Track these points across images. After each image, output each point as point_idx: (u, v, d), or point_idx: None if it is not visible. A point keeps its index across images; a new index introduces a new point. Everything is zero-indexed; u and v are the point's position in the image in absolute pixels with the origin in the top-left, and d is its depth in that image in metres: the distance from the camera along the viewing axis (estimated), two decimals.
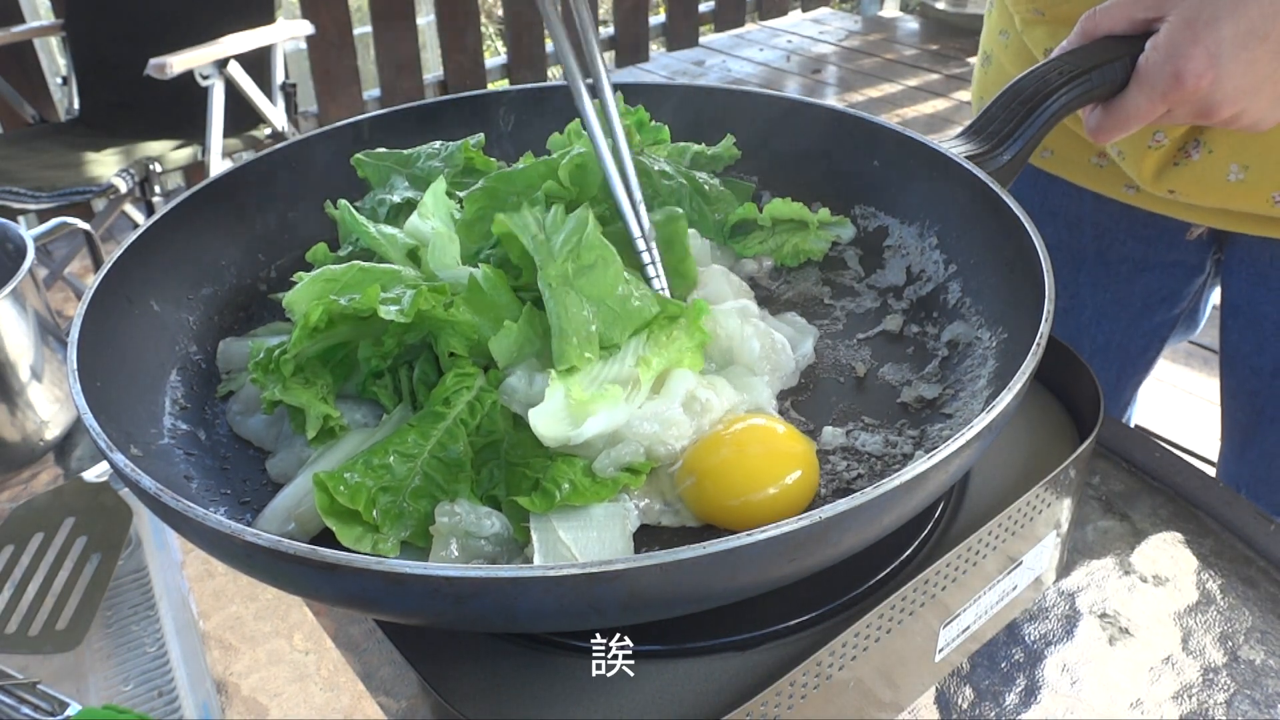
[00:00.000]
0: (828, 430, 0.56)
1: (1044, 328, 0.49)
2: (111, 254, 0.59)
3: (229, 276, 0.68)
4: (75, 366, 0.49)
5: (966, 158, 0.62)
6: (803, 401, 0.59)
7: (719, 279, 0.62)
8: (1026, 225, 0.56)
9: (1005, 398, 0.44)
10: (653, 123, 0.74)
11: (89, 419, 0.46)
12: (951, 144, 0.64)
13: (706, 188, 0.71)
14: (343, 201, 0.64)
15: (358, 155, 0.71)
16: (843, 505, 0.39)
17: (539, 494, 0.48)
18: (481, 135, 0.71)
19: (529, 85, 0.81)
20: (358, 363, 0.55)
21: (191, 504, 0.41)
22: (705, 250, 0.67)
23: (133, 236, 0.61)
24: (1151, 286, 0.93)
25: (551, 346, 0.52)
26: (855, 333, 0.64)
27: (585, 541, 0.47)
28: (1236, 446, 0.93)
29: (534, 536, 0.47)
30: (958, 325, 0.62)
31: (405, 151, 0.71)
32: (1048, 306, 0.50)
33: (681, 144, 0.75)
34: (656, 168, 0.69)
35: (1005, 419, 0.45)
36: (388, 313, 0.51)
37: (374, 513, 0.47)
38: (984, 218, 0.61)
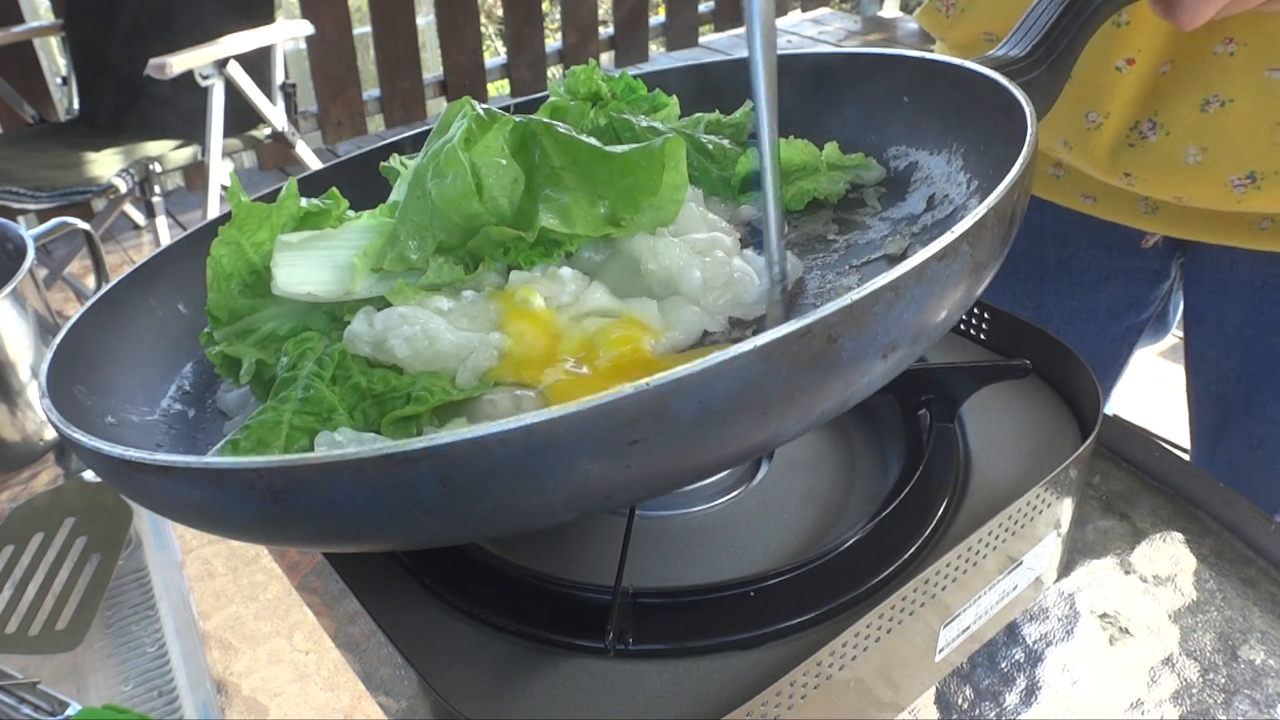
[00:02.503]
0: None
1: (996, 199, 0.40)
2: (154, 250, 0.59)
3: None
4: (59, 342, 0.49)
5: (999, 69, 0.55)
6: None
7: (690, 214, 0.57)
8: (1028, 126, 0.48)
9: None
10: (654, 91, 0.69)
11: (41, 381, 0.46)
12: (985, 57, 0.58)
13: (710, 146, 0.66)
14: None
15: (384, 164, 0.70)
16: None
17: (413, 403, 0.47)
18: None
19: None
20: None
21: (74, 427, 0.41)
22: (697, 195, 0.62)
23: (169, 243, 0.61)
24: (1117, 293, 0.92)
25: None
26: (850, 260, 0.58)
27: None
28: (1206, 450, 0.93)
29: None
30: None
31: None
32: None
33: (695, 116, 0.69)
34: (644, 124, 0.64)
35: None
36: (251, 202, 0.52)
37: None
38: (1005, 133, 0.52)
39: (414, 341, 0.48)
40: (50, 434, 0.80)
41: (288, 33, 2.49)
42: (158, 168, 2.32)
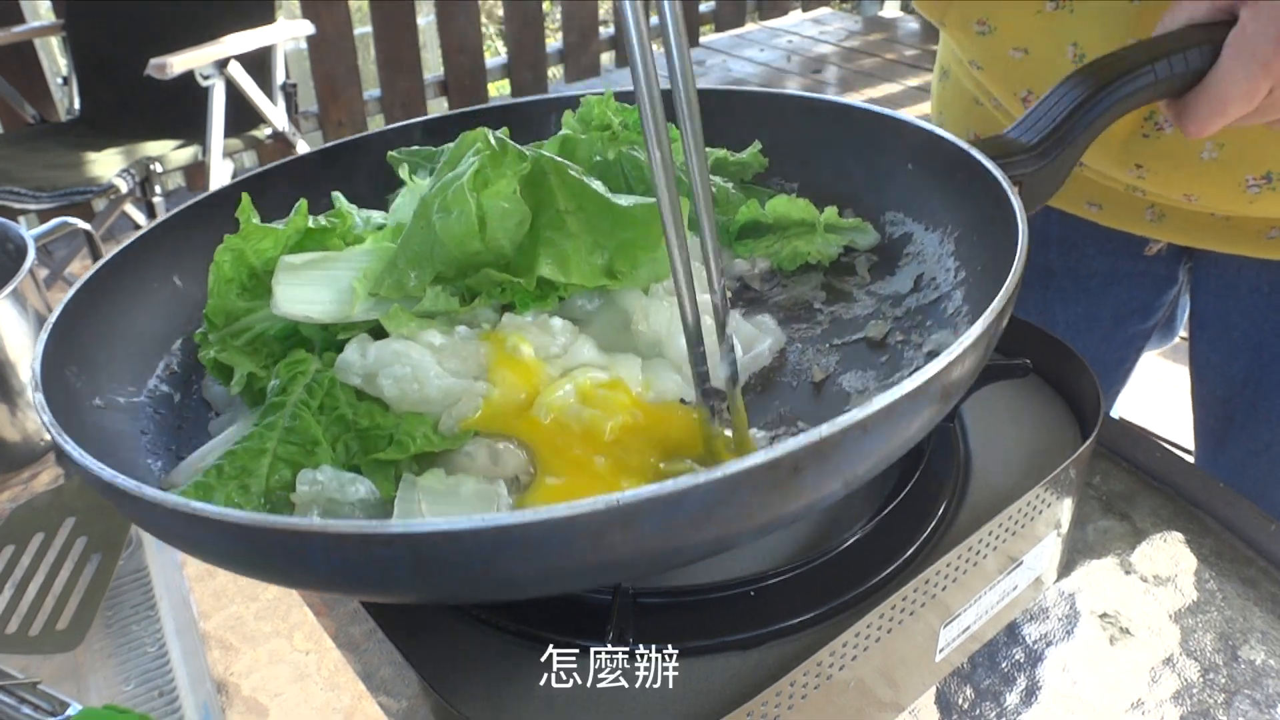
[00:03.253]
0: (753, 432, 0.51)
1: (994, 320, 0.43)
2: (147, 226, 0.60)
3: None
4: (55, 320, 0.50)
5: (996, 160, 0.55)
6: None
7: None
8: (1019, 241, 0.49)
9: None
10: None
11: (36, 366, 0.47)
12: (993, 140, 0.57)
13: (712, 189, 0.65)
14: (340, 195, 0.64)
15: (391, 153, 0.70)
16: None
17: (394, 447, 0.48)
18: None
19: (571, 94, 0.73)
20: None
21: (67, 435, 0.42)
22: (692, 246, 0.63)
23: (170, 213, 0.61)
24: (1122, 299, 0.91)
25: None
26: (832, 338, 0.59)
27: (445, 515, 0.45)
28: (1210, 452, 0.93)
29: (396, 503, 0.46)
30: (945, 335, 0.56)
31: (433, 149, 0.69)
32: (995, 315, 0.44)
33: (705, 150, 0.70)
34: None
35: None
36: (260, 224, 0.52)
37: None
38: (998, 228, 0.54)
39: (403, 383, 0.49)
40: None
41: (288, 33, 2.49)
42: (158, 168, 2.32)
